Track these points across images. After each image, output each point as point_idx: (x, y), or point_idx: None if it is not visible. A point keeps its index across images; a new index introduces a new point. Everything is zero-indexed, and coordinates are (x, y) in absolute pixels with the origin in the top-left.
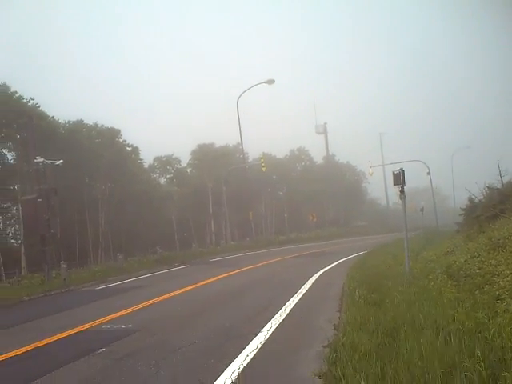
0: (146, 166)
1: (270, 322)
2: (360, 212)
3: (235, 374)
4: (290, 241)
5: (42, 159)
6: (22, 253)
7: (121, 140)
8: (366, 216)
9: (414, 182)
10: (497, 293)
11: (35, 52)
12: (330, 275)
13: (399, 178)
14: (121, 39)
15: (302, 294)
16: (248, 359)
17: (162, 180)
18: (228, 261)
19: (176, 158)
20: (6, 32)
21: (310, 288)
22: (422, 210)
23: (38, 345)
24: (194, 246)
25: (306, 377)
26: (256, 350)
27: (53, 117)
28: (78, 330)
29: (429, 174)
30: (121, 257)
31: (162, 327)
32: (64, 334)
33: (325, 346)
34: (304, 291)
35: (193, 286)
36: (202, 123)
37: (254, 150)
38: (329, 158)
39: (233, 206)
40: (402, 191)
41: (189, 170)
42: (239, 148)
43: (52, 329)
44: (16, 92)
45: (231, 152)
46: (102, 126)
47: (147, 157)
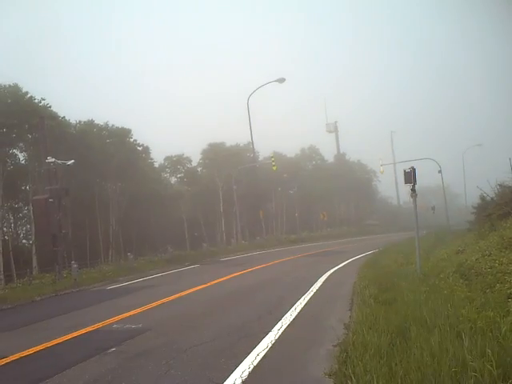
0: (156, 165)
1: (281, 321)
2: (371, 211)
3: (245, 374)
4: (300, 240)
5: (54, 159)
6: (33, 253)
7: (131, 140)
8: (376, 215)
9: (425, 181)
10: (508, 291)
11: (47, 53)
12: (341, 274)
13: (410, 177)
14: (132, 40)
15: (312, 293)
16: (258, 358)
17: (173, 179)
18: (239, 260)
19: (187, 158)
20: (14, 34)
21: (320, 287)
22: (433, 208)
23: (49, 344)
24: (204, 245)
25: (316, 376)
26: (266, 349)
27: (64, 117)
28: (89, 329)
29: (440, 172)
30: (131, 256)
31: (172, 327)
32: (75, 334)
33: (335, 346)
34: (315, 290)
35: (203, 286)
36: (213, 123)
37: (264, 148)
38: (340, 157)
39: (243, 205)
40: (413, 189)
41: (199, 169)
42: (250, 147)
43: (63, 328)
44: (27, 92)
45: (242, 151)
46: (112, 125)
47: (158, 156)
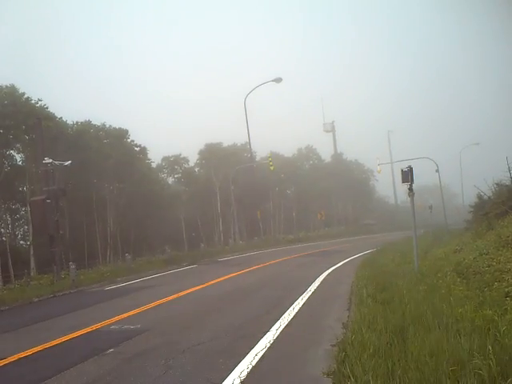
0: (153, 165)
1: (279, 321)
2: (368, 210)
3: (244, 374)
4: (298, 239)
5: (51, 160)
6: (30, 254)
7: (129, 140)
8: (374, 214)
9: (422, 180)
10: (506, 290)
11: (43, 54)
12: (339, 274)
13: (408, 176)
14: (130, 41)
15: (310, 293)
16: (257, 358)
17: (170, 180)
18: (236, 260)
19: (184, 158)
20: (10, 34)
21: (318, 287)
22: (430, 207)
23: (47, 345)
24: (202, 245)
25: (315, 376)
26: (265, 349)
27: (61, 118)
28: (87, 330)
29: (437, 171)
30: (129, 257)
31: (170, 327)
32: (73, 335)
33: (334, 345)
34: (313, 290)
35: (201, 286)
36: (212, 124)
37: (261, 149)
38: (337, 156)
39: (241, 205)
40: (410, 189)
41: (197, 169)
42: (247, 147)
43: (61, 329)
44: (24, 93)
45: (239, 151)
46: (109, 126)
47: (155, 157)
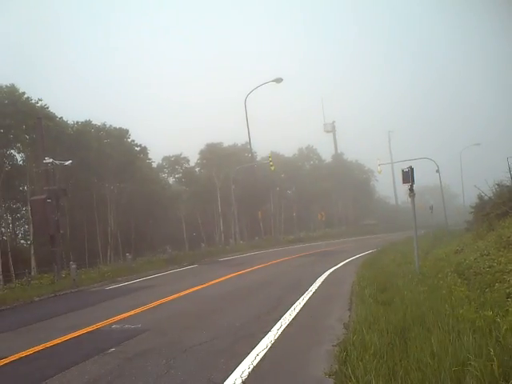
0: (154, 165)
1: (280, 321)
2: (369, 210)
3: (245, 374)
4: (298, 240)
5: (51, 160)
6: (31, 253)
7: (129, 140)
8: (374, 214)
9: (422, 180)
10: (507, 291)
11: (44, 54)
12: (340, 274)
13: (408, 176)
14: (128, 42)
15: (311, 293)
16: (258, 358)
17: (171, 180)
18: (237, 260)
19: (184, 158)
20: (12, 34)
21: (319, 287)
22: (431, 208)
23: (48, 345)
24: (202, 245)
25: (316, 376)
26: (266, 350)
27: (61, 117)
28: (88, 330)
29: (438, 171)
30: (130, 257)
31: (171, 327)
32: (74, 334)
33: (335, 345)
34: (313, 290)
35: (202, 286)
36: (211, 124)
37: (262, 149)
38: (337, 157)
39: (241, 205)
40: (411, 189)
41: (197, 169)
42: (247, 147)
43: (62, 329)
44: (24, 93)
45: (239, 151)
46: (110, 126)
47: (156, 157)
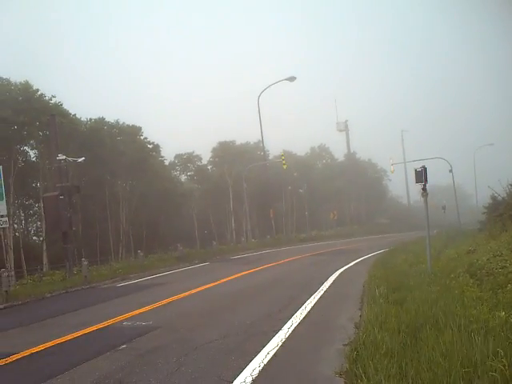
0: (166, 163)
1: (291, 319)
2: (381, 210)
3: (256, 372)
4: (310, 238)
5: (64, 157)
6: (43, 249)
7: (142, 137)
8: (387, 214)
9: (435, 180)
10: None
11: (57, 52)
12: (351, 273)
13: (421, 176)
14: (146, 40)
15: (322, 292)
16: (269, 357)
17: (183, 177)
18: (248, 258)
19: (197, 156)
20: (25, 32)
21: (330, 286)
22: (443, 208)
23: (59, 341)
24: (214, 243)
25: (327, 375)
26: (277, 348)
27: (75, 115)
28: (100, 326)
29: (451, 171)
30: (141, 254)
31: (182, 324)
32: (85, 331)
33: (346, 345)
34: (325, 289)
35: (213, 284)
36: (224, 122)
37: (274, 147)
38: (350, 156)
39: (253, 204)
40: (424, 189)
41: (209, 167)
42: (260, 145)
43: (73, 325)
44: (38, 90)
45: (252, 149)
46: (123, 123)
47: (169, 155)
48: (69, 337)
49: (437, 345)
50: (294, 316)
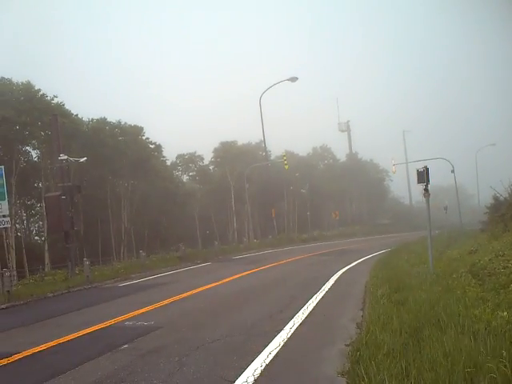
0: (168, 163)
1: (293, 319)
2: (383, 210)
3: (258, 372)
4: (312, 238)
5: (66, 157)
6: (45, 249)
7: (144, 137)
8: (389, 214)
9: (437, 180)
10: None
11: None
12: (353, 273)
13: (423, 176)
14: (147, 42)
15: (324, 292)
16: (271, 357)
17: (185, 177)
18: (250, 258)
19: (199, 156)
20: (26, 32)
21: (332, 286)
22: (445, 208)
23: (61, 341)
24: (216, 243)
25: (329, 375)
26: (278, 348)
27: (77, 115)
28: (101, 326)
29: (453, 172)
30: (143, 254)
31: (184, 324)
32: (87, 330)
33: (348, 345)
34: (327, 289)
35: (215, 284)
36: (225, 123)
37: (276, 147)
38: (352, 156)
39: (255, 204)
40: (426, 189)
41: (211, 167)
42: (262, 146)
43: (75, 325)
44: (40, 90)
45: (254, 150)
46: (125, 123)
47: (170, 155)
48: (71, 336)
49: (439, 345)
50: (296, 316)
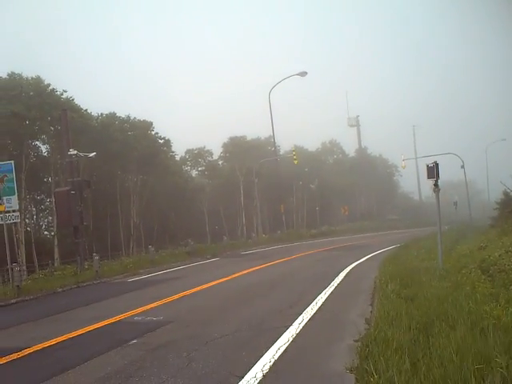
0: (177, 158)
1: (302, 315)
2: (392, 205)
3: (266, 367)
4: (321, 234)
5: (76, 152)
6: (54, 244)
7: (153, 132)
8: (398, 210)
9: (447, 176)
10: None
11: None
12: (362, 269)
13: (433, 172)
14: (157, 38)
15: (333, 288)
16: (279, 352)
17: (194, 172)
18: (259, 254)
19: (208, 151)
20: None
21: (341, 281)
22: (455, 203)
23: (71, 335)
24: (225, 238)
25: (338, 371)
26: (287, 343)
27: (86, 110)
28: (111, 321)
29: (463, 167)
30: (152, 249)
31: (193, 319)
32: (96, 325)
33: (356, 341)
34: (336, 285)
35: (224, 279)
36: (235, 118)
37: (285, 142)
38: (361, 151)
39: (264, 199)
40: (435, 184)
41: (220, 162)
42: (271, 141)
43: (85, 320)
44: (49, 84)
45: (263, 145)
46: (134, 118)
47: (180, 150)
48: (80, 331)
49: (448, 341)
50: (305, 311)
